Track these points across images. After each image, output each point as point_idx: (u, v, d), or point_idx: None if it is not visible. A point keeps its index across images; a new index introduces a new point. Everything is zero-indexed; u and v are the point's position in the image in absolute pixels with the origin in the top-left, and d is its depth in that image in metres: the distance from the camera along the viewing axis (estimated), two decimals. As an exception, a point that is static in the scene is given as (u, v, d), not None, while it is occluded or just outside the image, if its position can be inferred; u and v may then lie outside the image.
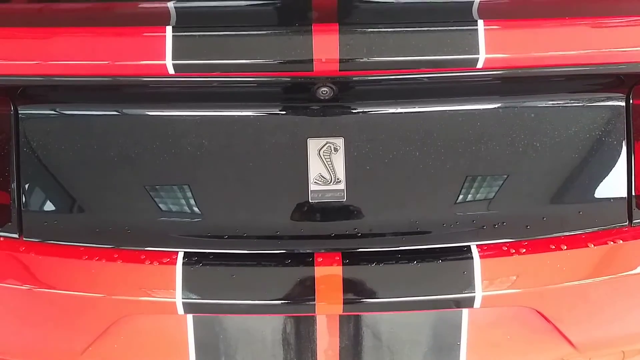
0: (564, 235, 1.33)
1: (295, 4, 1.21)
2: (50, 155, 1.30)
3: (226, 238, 1.31)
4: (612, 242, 1.32)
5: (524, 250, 1.30)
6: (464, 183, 1.31)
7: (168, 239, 1.31)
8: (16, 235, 1.32)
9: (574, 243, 1.32)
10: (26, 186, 1.31)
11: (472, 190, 1.32)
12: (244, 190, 1.31)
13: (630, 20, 1.27)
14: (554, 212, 1.34)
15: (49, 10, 1.24)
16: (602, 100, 1.33)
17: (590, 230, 1.34)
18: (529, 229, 1.32)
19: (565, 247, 1.30)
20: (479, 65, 1.23)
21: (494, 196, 1.32)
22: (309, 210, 1.30)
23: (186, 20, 1.22)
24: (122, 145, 1.29)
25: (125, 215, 1.31)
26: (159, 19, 1.22)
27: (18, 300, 1.32)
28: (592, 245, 1.31)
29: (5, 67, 1.25)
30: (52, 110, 1.31)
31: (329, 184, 1.29)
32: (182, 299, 1.25)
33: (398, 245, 1.31)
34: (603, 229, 1.34)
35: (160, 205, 1.30)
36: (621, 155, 1.34)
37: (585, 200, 1.35)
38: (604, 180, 1.35)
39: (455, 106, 1.30)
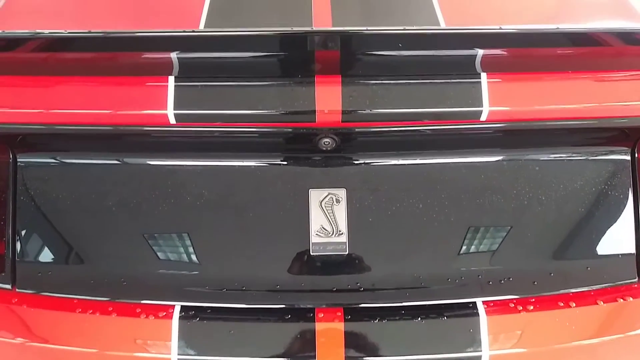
0: (572, 292, 1.29)
1: (298, 55, 1.21)
2: (48, 204, 1.28)
3: (224, 291, 1.27)
4: (621, 299, 1.28)
5: (532, 307, 1.26)
6: (468, 237, 1.28)
7: (165, 291, 1.28)
8: (9, 286, 1.29)
9: (583, 300, 1.28)
10: (22, 236, 1.29)
11: (477, 244, 1.29)
12: (243, 242, 1.28)
13: (633, 75, 1.27)
14: (561, 267, 1.31)
15: (52, 59, 1.24)
16: (607, 154, 1.32)
17: (598, 286, 1.30)
18: (536, 285, 1.29)
19: (574, 305, 1.27)
20: (483, 117, 1.22)
21: (500, 251, 1.29)
22: (310, 264, 1.27)
23: (189, 70, 1.22)
24: (121, 195, 1.27)
25: (122, 266, 1.29)
26: (162, 69, 1.22)
27: (9, 354, 1.28)
28: (602, 303, 1.27)
29: (6, 115, 1.24)
30: (51, 158, 1.30)
31: (330, 236, 1.26)
32: (178, 355, 1.21)
33: (402, 301, 1.27)
34: (612, 285, 1.31)
35: (158, 256, 1.28)
36: (628, 210, 1.32)
37: (593, 256, 1.32)
38: (611, 236, 1.32)
39: (459, 158, 1.29)
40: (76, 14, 1.39)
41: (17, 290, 1.29)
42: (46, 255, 1.30)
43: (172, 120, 1.20)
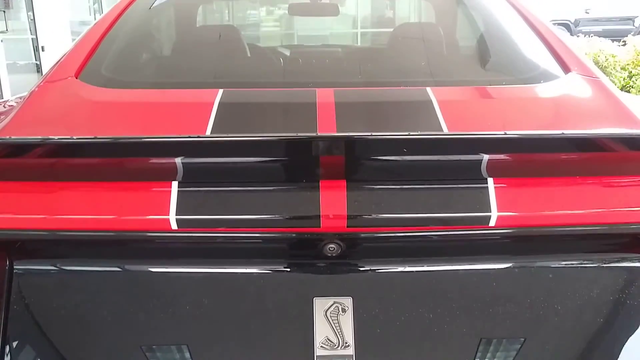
0: None
1: (303, 160, 1.21)
2: (43, 313, 1.23)
3: None
4: None
5: None
6: (481, 349, 1.21)
7: None
8: None
9: None
10: (13, 347, 1.22)
11: (489, 356, 1.22)
12: (244, 353, 1.22)
13: None
14: None
15: (57, 165, 1.24)
16: (621, 261, 1.28)
17: None
18: None
19: None
20: (492, 223, 1.19)
21: None
22: None
23: (193, 175, 1.22)
24: (120, 304, 1.23)
25: None
26: (166, 174, 1.21)
27: None
28: None
29: (7, 220, 1.22)
30: (49, 265, 1.27)
31: (336, 349, 1.19)
32: None
33: None
34: None
35: None
36: None
37: None
38: (632, 349, 1.24)
39: (468, 265, 1.25)
40: (85, 123, 1.41)
41: None
42: None
43: (174, 226, 1.18)
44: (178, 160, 1.19)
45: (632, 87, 6.19)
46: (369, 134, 1.16)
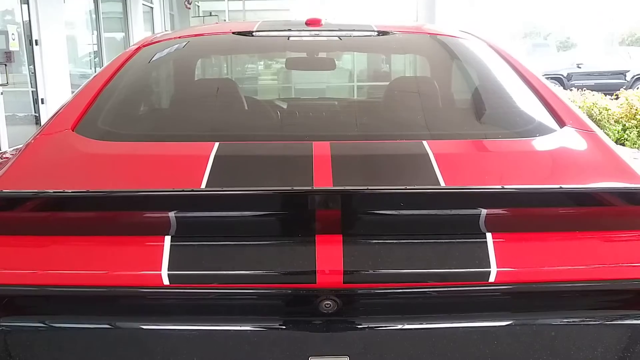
0: None
1: (298, 214, 1.19)
2: None
3: None
4: None
5: None
6: None
7: None
8: None
9: None
10: None
11: None
12: None
13: None
14: None
15: (50, 219, 1.22)
16: (624, 318, 1.24)
17: None
18: None
19: None
20: (491, 279, 1.17)
21: None
22: None
23: (186, 230, 1.20)
24: None
25: None
26: (159, 229, 1.19)
27: None
28: None
29: None
30: (38, 322, 1.23)
31: None
32: None
33: None
34: None
35: None
36: None
37: None
38: None
39: (468, 322, 1.22)
40: (79, 176, 1.40)
41: None
42: None
43: (166, 282, 1.15)
44: (171, 214, 1.18)
45: (626, 140, 6.23)
46: (366, 187, 1.15)
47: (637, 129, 6.23)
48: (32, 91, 7.83)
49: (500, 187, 1.17)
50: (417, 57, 3.29)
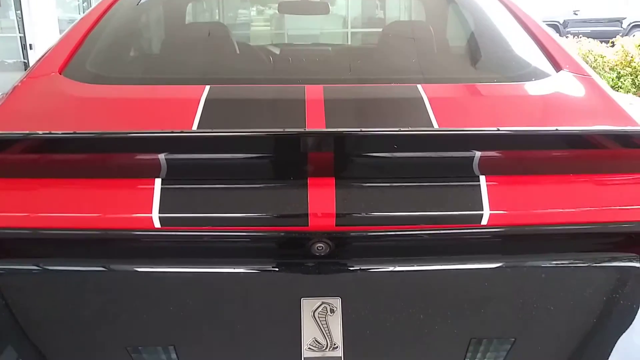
0: None
1: (290, 157, 1.18)
2: (23, 313, 1.19)
3: None
4: None
5: None
6: (474, 350, 1.19)
7: None
8: None
9: None
10: None
11: (479, 356, 1.19)
12: (230, 356, 1.19)
13: (637, 178, 1.24)
14: None
15: (39, 162, 1.21)
16: (614, 260, 1.26)
17: None
18: None
19: None
20: (484, 221, 1.17)
21: None
22: None
23: (177, 172, 1.19)
24: (104, 303, 1.19)
25: None
26: (150, 171, 1.18)
27: None
28: None
29: None
30: (30, 265, 1.23)
31: (324, 350, 1.17)
32: None
33: None
34: None
35: None
36: None
37: None
38: (627, 349, 1.22)
39: (459, 264, 1.23)
40: (67, 120, 1.38)
41: None
42: None
43: (157, 224, 1.15)
44: (162, 157, 1.16)
45: (620, 88, 6.22)
46: (359, 129, 1.14)
47: (632, 77, 6.20)
48: (20, 37, 7.69)
49: (495, 129, 1.16)
50: (412, 2, 3.24)
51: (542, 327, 1.20)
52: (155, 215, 1.15)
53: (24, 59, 7.73)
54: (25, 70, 1.77)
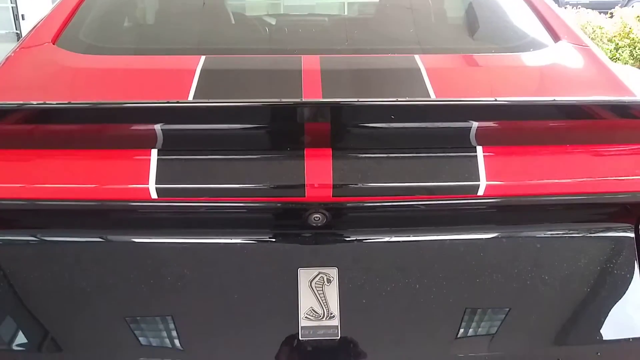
0: None
1: (287, 127, 1.18)
2: (21, 284, 1.20)
3: None
4: None
5: None
6: (468, 319, 1.20)
7: None
8: None
9: None
10: None
11: (478, 328, 1.21)
12: (228, 326, 1.20)
13: (632, 149, 1.24)
14: (569, 353, 1.22)
15: (35, 132, 1.20)
16: (610, 231, 1.27)
17: None
18: None
19: None
20: (480, 192, 1.17)
21: (501, 334, 1.21)
22: (299, 350, 1.18)
23: (173, 143, 1.18)
24: (101, 274, 1.20)
25: (100, 354, 1.19)
26: (146, 142, 1.18)
27: None
28: None
29: None
30: (27, 236, 1.23)
31: (321, 320, 1.18)
32: None
33: None
34: None
35: (138, 342, 1.18)
36: (637, 291, 1.24)
37: (602, 341, 1.23)
38: (621, 318, 1.25)
39: (455, 235, 1.23)
40: (61, 90, 1.37)
41: None
42: (20, 342, 1.20)
43: (154, 195, 1.15)
44: (158, 127, 1.15)
45: (618, 59, 6.19)
46: (356, 100, 1.13)
47: (630, 48, 6.17)
48: (12, 7, 7.59)
49: (492, 99, 1.15)
50: None
51: (537, 297, 1.21)
52: (152, 186, 1.15)
53: (16, 29, 7.65)
54: (18, 40, 1.74)
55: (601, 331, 1.23)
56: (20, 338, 1.20)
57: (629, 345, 1.23)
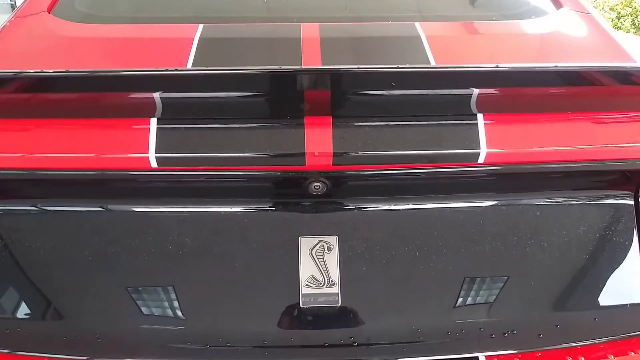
0: (580, 345, 1.21)
1: (287, 95, 1.17)
2: (21, 254, 1.20)
3: (208, 348, 1.18)
4: (632, 353, 1.20)
5: None
6: (468, 286, 1.21)
7: (145, 348, 1.19)
8: None
9: (592, 354, 1.20)
10: None
11: (478, 295, 1.22)
12: (229, 294, 1.21)
13: (633, 116, 1.23)
14: (567, 319, 1.23)
15: (33, 101, 1.19)
16: (610, 198, 1.27)
17: (608, 339, 1.22)
18: (542, 339, 1.21)
19: (583, 359, 1.18)
20: (481, 160, 1.17)
21: (502, 301, 1.22)
22: (300, 317, 1.19)
23: (172, 111, 1.17)
24: (102, 243, 1.20)
25: (101, 322, 1.20)
26: (145, 111, 1.17)
27: None
28: (612, 357, 1.19)
29: None
30: (27, 205, 1.23)
31: (322, 287, 1.19)
32: None
33: (398, 357, 1.19)
34: (622, 337, 1.23)
35: (139, 310, 1.19)
36: (634, 258, 1.25)
37: (601, 306, 1.25)
38: (618, 285, 1.26)
39: (456, 203, 1.23)
40: (58, 59, 1.36)
41: None
42: (22, 311, 1.21)
43: (154, 164, 1.15)
44: (157, 95, 1.15)
45: (619, 29, 6.14)
46: (356, 66, 1.12)
47: (632, 17, 6.11)
48: (5, -23, 7.48)
49: (494, 65, 1.14)
50: None
51: (537, 264, 1.22)
52: (151, 155, 1.14)
53: (11, 0, 7.55)
54: (12, 11, 1.72)
55: (599, 298, 1.24)
56: (22, 307, 1.21)
57: (626, 312, 1.24)
